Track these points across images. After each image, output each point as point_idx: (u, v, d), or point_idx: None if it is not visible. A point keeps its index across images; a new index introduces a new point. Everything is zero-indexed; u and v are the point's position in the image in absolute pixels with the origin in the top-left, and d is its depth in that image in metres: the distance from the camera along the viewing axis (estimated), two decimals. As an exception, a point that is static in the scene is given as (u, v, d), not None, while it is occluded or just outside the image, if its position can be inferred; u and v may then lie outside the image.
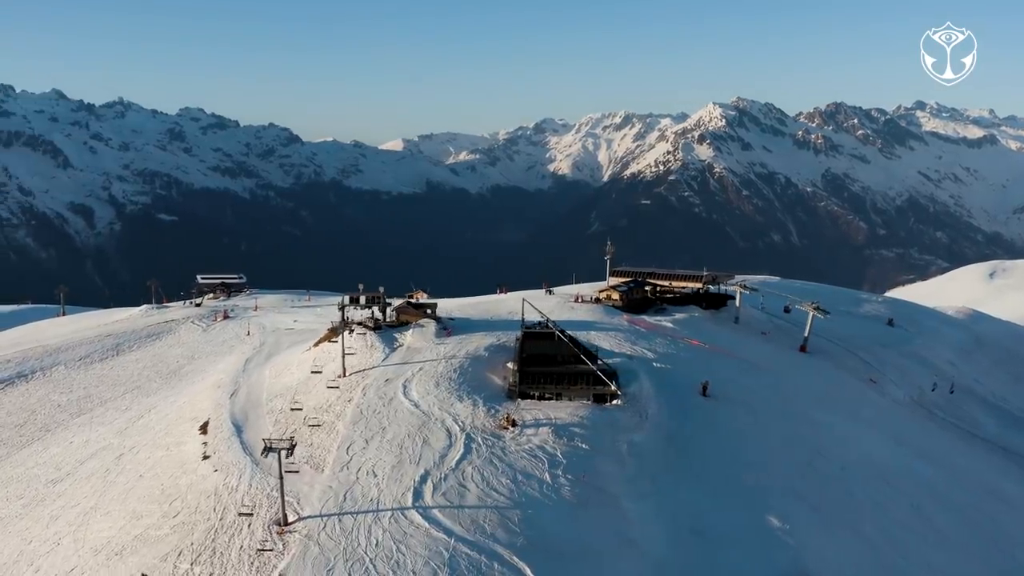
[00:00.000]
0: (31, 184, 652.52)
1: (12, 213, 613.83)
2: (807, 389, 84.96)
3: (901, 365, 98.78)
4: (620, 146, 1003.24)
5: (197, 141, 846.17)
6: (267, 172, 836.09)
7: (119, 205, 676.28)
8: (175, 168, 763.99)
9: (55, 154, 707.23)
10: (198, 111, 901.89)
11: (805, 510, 60.34)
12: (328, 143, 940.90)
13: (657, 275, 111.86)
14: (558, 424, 64.36)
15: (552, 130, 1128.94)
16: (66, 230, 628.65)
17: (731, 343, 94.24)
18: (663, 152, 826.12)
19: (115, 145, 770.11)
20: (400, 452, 59.98)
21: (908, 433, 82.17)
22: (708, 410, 72.24)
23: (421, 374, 73.69)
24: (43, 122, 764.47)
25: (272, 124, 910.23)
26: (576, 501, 55.10)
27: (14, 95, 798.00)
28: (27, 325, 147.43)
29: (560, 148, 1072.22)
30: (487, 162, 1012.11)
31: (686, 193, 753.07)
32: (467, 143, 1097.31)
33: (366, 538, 49.74)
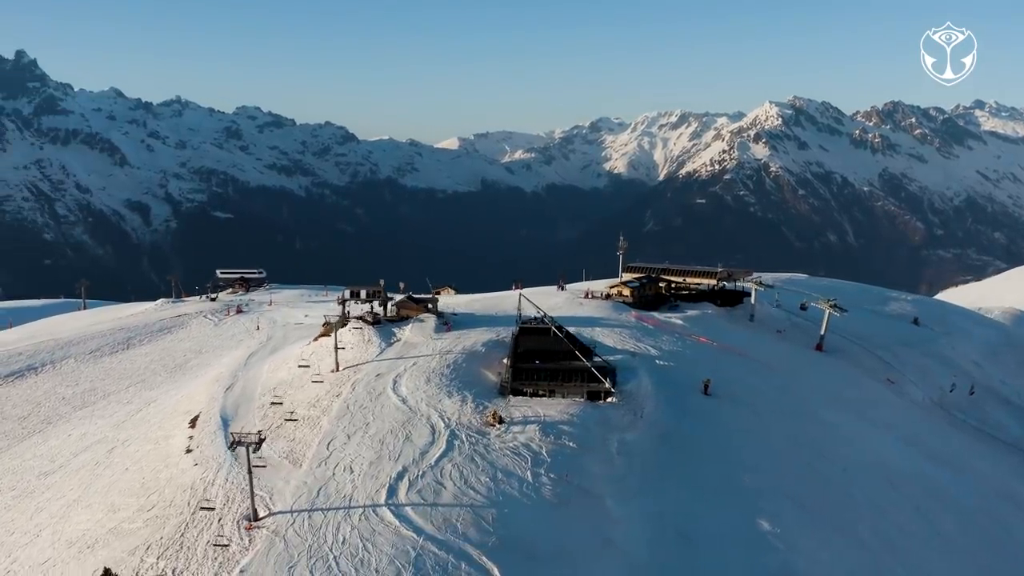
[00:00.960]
0: (88, 182, 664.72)
1: (69, 210, 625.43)
2: (818, 389, 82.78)
3: (923, 365, 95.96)
4: (676, 145, 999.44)
5: (254, 139, 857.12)
6: (323, 170, 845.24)
7: (175, 203, 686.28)
8: (231, 166, 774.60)
9: (112, 152, 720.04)
10: (255, 109, 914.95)
11: (799, 512, 58.57)
12: (384, 141, 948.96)
13: (671, 271, 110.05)
14: (546, 422, 63.22)
15: (608, 129, 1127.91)
16: (123, 227, 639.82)
17: (743, 341, 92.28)
18: (719, 151, 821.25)
19: (172, 143, 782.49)
20: (380, 448, 59.31)
21: (921, 434, 79.67)
22: (708, 409, 70.60)
23: (414, 369, 73.02)
24: (101, 120, 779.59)
25: (328, 122, 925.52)
26: (556, 501, 53.93)
27: (72, 94, 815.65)
28: (48, 319, 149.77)
29: (616, 147, 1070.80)
30: (542, 161, 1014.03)
31: (741, 192, 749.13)
32: (523, 142, 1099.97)
33: (333, 535, 49.10)
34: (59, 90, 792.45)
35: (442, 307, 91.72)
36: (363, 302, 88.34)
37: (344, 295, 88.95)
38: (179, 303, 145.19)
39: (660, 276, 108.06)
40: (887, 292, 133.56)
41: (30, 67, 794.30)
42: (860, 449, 71.48)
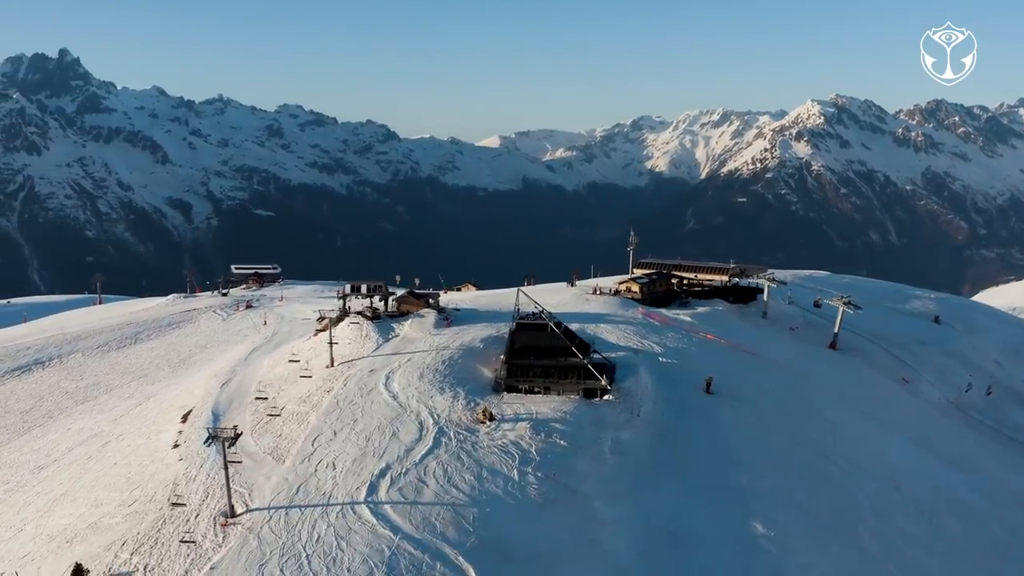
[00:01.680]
0: (130, 179, 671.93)
1: (111, 208, 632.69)
2: (826, 388, 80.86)
3: (940, 364, 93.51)
4: (718, 144, 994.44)
5: (295, 138, 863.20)
6: (364, 168, 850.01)
7: (216, 200, 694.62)
8: (273, 164, 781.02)
9: (154, 150, 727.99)
10: (296, 108, 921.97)
11: (795, 515, 57.03)
12: (425, 140, 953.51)
13: (682, 267, 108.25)
14: (538, 419, 62.14)
15: (649, 127, 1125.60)
16: (164, 225, 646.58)
17: (753, 338, 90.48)
18: (760, 149, 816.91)
19: (214, 141, 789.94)
20: (366, 445, 58.61)
21: (933, 435, 77.58)
22: (709, 408, 69.08)
23: (408, 365, 72.28)
24: (143, 118, 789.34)
25: (370, 121, 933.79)
26: (542, 500, 52.88)
27: (115, 92, 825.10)
28: (61, 314, 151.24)
29: (657, 145, 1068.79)
30: (583, 159, 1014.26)
31: (783, 191, 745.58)
32: (564, 140, 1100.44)
33: (309, 533, 48.45)
34: (102, 88, 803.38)
35: (445, 303, 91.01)
36: (364, 297, 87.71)
37: (344, 290, 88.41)
38: (191, 298, 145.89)
39: (671, 272, 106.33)
40: (910, 290, 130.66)
41: (73, 66, 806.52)
42: (866, 450, 69.58)
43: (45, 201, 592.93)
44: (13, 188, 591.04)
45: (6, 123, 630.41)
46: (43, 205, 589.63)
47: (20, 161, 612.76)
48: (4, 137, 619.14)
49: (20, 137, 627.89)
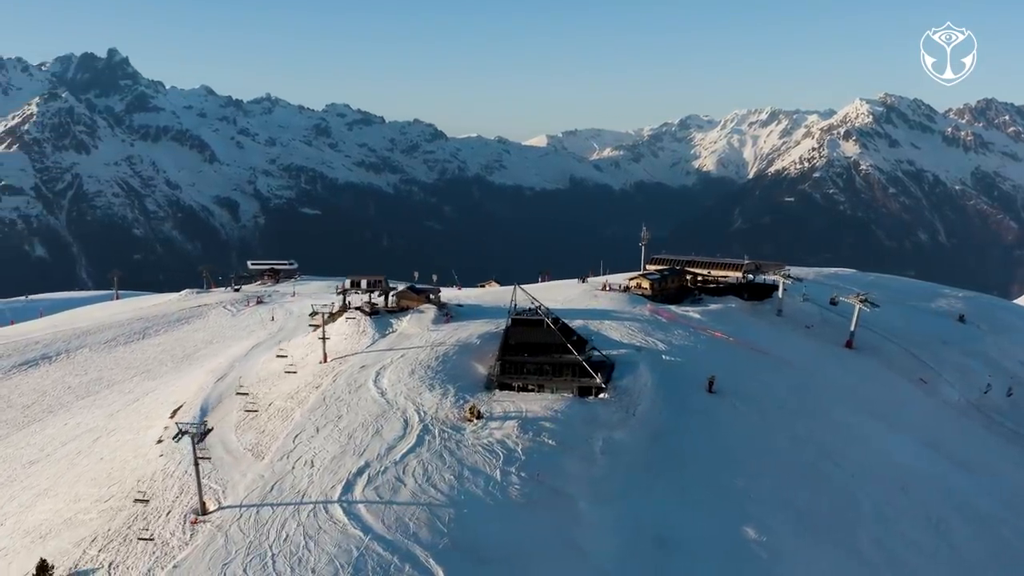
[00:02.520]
0: (178, 178, 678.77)
1: (159, 206, 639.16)
2: (837, 388, 78.56)
3: (962, 364, 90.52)
4: (766, 143, 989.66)
5: (342, 137, 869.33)
6: (411, 167, 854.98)
7: (263, 199, 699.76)
8: (320, 163, 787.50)
9: (202, 149, 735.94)
10: (344, 107, 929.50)
11: (792, 520, 55.09)
12: (472, 139, 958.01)
13: (696, 263, 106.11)
14: (528, 418, 60.78)
15: (697, 126, 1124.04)
16: (211, 223, 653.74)
17: (765, 337, 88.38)
18: (808, 149, 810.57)
19: (262, 140, 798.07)
20: (347, 442, 57.66)
21: (948, 437, 75.09)
22: (710, 407, 67.24)
23: (401, 361, 71.29)
24: (191, 118, 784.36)
25: (417, 120, 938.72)
26: (523, 501, 51.54)
27: (164, 91, 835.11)
28: (76, 309, 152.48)
29: (705, 145, 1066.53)
30: (631, 158, 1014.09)
31: (831, 191, 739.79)
32: (611, 139, 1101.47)
33: (277, 532, 47.58)
34: (150, 88, 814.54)
35: (448, 298, 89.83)
36: (363, 292, 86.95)
37: (343, 285, 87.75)
38: (203, 294, 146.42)
39: (684, 268, 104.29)
40: (937, 288, 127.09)
41: (122, 65, 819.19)
42: (874, 452, 67.33)
43: (93, 199, 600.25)
44: (62, 187, 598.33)
45: (55, 122, 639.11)
46: (91, 203, 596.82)
47: (69, 160, 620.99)
48: (53, 136, 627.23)
49: (69, 136, 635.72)
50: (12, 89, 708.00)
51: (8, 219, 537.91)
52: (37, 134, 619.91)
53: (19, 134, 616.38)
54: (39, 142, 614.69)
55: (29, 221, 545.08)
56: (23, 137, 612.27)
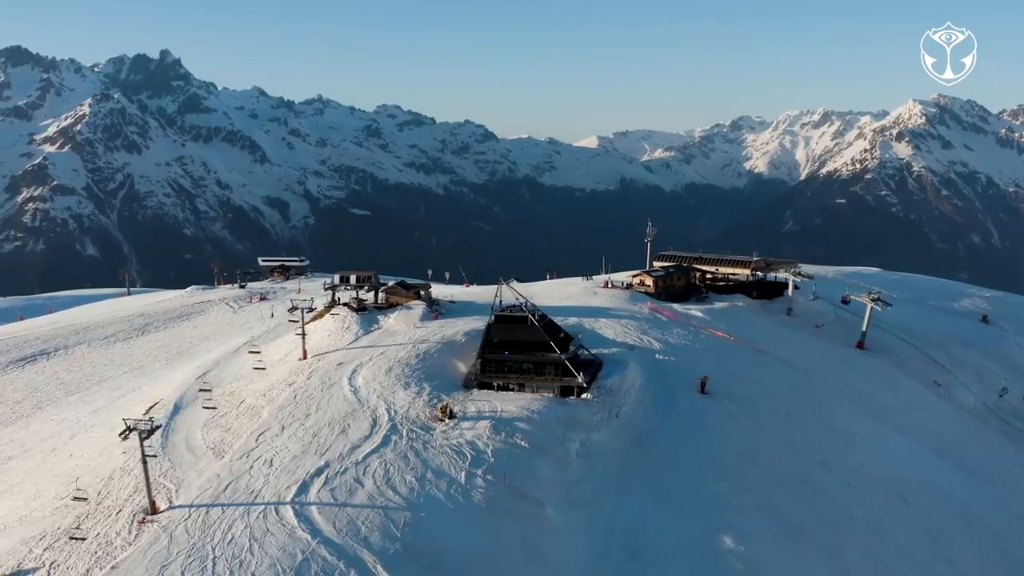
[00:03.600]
0: (228, 178, 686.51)
1: (210, 206, 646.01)
2: (842, 390, 75.83)
3: (981, 366, 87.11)
4: (818, 144, 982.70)
5: (393, 137, 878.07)
6: (462, 168, 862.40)
7: (313, 199, 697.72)
8: (371, 164, 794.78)
9: (253, 149, 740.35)
10: (395, 108, 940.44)
11: (775, 528, 52.96)
12: (523, 140, 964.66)
13: (703, 260, 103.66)
14: (502, 418, 59.16)
15: (748, 127, 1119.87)
16: (261, 223, 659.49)
17: (770, 336, 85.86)
18: (860, 150, 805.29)
19: (312, 141, 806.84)
20: (311, 441, 56.46)
21: (959, 444, 72.07)
22: (700, 409, 65.20)
23: (380, 358, 70.03)
24: (243, 118, 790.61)
25: (468, 121, 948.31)
26: (486, 506, 49.91)
27: (216, 92, 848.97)
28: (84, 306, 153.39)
29: (756, 146, 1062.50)
30: (682, 160, 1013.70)
31: (883, 192, 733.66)
32: (662, 140, 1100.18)
33: (223, 534, 46.38)
34: (202, 89, 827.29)
35: (440, 294, 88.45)
36: (353, 288, 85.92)
37: (332, 280, 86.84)
38: (209, 290, 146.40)
39: (692, 266, 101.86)
40: (964, 288, 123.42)
41: (174, 66, 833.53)
42: (875, 459, 64.88)
43: (144, 199, 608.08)
44: (113, 187, 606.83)
45: (107, 123, 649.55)
46: (142, 203, 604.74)
47: (120, 160, 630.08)
48: (105, 137, 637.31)
49: (120, 137, 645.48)
50: (65, 90, 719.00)
51: (60, 218, 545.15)
52: (89, 134, 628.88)
53: (71, 135, 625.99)
54: (91, 142, 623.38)
55: (81, 220, 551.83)
56: (75, 138, 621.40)
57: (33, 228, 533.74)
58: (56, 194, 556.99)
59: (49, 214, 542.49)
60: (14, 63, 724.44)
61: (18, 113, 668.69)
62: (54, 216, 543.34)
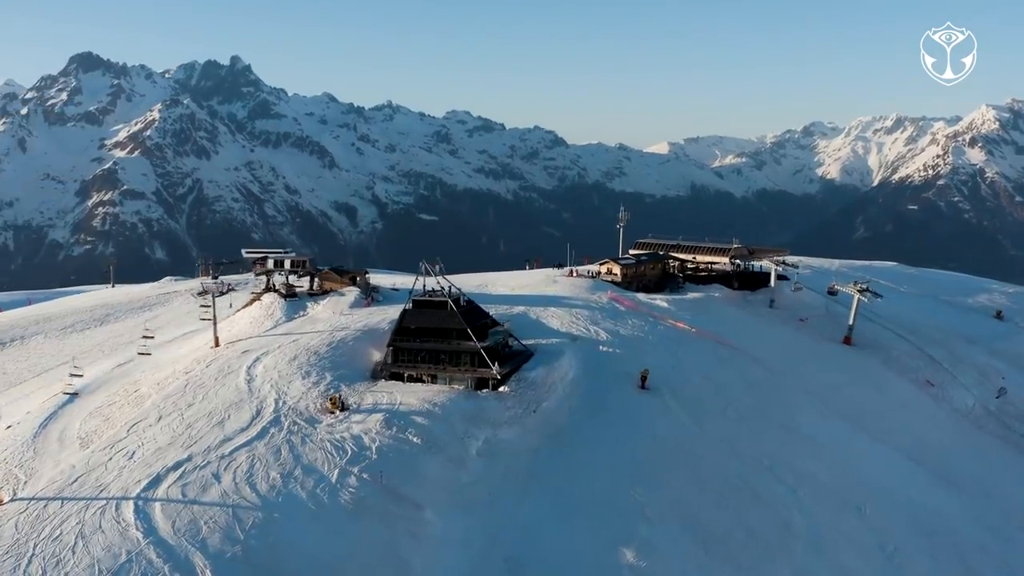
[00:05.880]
0: (297, 183, 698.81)
1: (278, 211, 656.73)
2: (813, 389, 71.14)
3: (985, 365, 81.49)
4: (891, 150, 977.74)
5: (463, 143, 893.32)
6: (531, 174, 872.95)
7: (382, 205, 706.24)
8: (439, 169, 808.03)
9: (322, 155, 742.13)
10: (464, 114, 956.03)
11: (690, 542, 48.79)
12: (593, 146, 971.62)
13: (681, 248, 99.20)
14: (398, 411, 55.79)
15: (820, 133, 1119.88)
16: (329, 228, 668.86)
17: (742, 329, 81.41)
18: (932, 156, 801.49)
19: (382, 147, 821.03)
20: (183, 432, 53.61)
21: (942, 450, 67.18)
22: (634, 406, 61.16)
23: (291, 346, 67.14)
24: (312, 124, 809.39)
25: (537, 127, 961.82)
26: (352, 507, 46.50)
27: (286, 98, 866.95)
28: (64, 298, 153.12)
29: (829, 152, 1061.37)
30: (753, 166, 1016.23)
31: (955, 198, 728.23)
32: (733, 146, 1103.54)
33: (52, 530, 43.75)
34: (272, 94, 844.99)
35: (378, 282, 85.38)
36: (288, 273, 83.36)
37: (266, 265, 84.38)
38: (181, 281, 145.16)
39: (668, 254, 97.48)
40: (984, 283, 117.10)
41: (244, 72, 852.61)
42: (836, 465, 60.34)
43: (213, 204, 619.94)
44: (182, 191, 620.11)
45: (176, 128, 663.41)
46: (211, 207, 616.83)
47: (189, 165, 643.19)
48: (174, 142, 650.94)
49: (190, 142, 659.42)
50: (135, 96, 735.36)
51: (130, 222, 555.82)
52: (159, 139, 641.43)
53: (141, 140, 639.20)
54: (160, 147, 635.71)
55: (150, 224, 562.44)
56: (145, 143, 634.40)
57: (103, 231, 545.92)
58: (126, 198, 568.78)
59: (119, 218, 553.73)
60: (85, 69, 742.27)
61: (89, 118, 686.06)
62: (123, 220, 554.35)
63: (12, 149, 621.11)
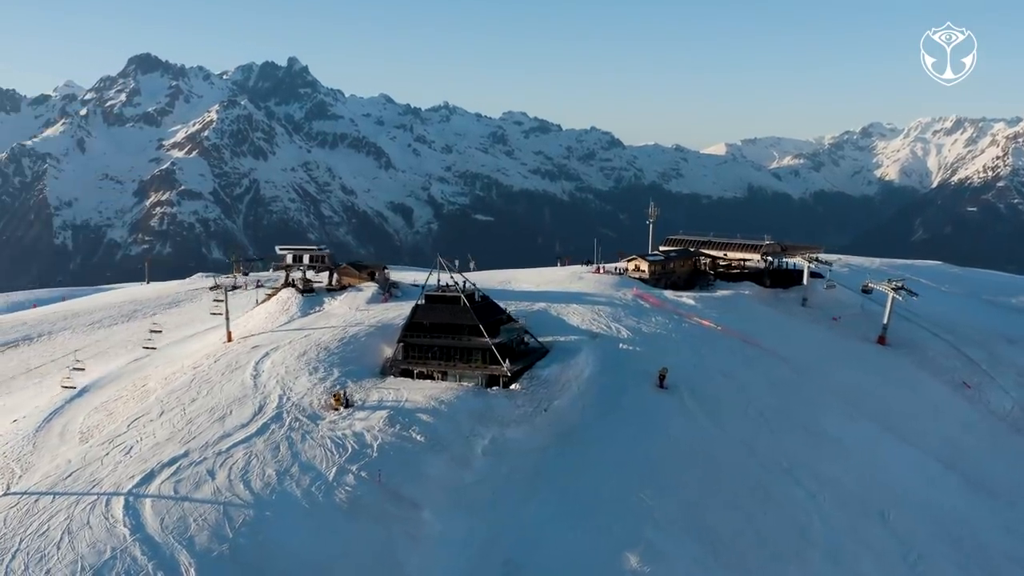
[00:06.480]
0: (353, 184, 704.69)
1: (334, 211, 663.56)
2: (841, 390, 68.52)
3: None
4: (950, 151, 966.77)
5: (519, 144, 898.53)
6: (587, 175, 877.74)
7: (437, 205, 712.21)
8: (495, 170, 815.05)
9: (378, 155, 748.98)
10: (521, 115, 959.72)
11: (698, 548, 46.82)
12: (649, 147, 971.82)
13: (711, 244, 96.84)
14: (403, 408, 54.58)
15: (879, 135, 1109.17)
16: (385, 228, 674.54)
17: (772, 328, 79.11)
18: (992, 157, 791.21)
19: (438, 147, 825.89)
20: (184, 428, 52.96)
21: (976, 455, 64.40)
22: (650, 405, 59.25)
23: (302, 341, 66.40)
24: (369, 125, 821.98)
25: (594, 128, 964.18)
26: (348, 507, 45.32)
27: (343, 99, 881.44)
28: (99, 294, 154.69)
29: (887, 153, 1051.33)
30: (811, 167, 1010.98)
31: (1015, 200, 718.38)
32: (791, 147, 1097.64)
33: (40, 525, 43.32)
34: (329, 96, 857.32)
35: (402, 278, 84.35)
36: (307, 269, 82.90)
37: (286, 260, 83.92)
38: (211, 277, 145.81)
39: (699, 251, 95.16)
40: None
41: (302, 74, 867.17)
42: (860, 469, 57.92)
43: (270, 204, 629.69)
44: (239, 191, 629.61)
45: (234, 129, 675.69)
46: (268, 208, 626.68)
47: (247, 165, 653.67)
48: (232, 143, 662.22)
49: (247, 142, 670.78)
50: (193, 97, 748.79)
51: (187, 222, 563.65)
52: (216, 140, 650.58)
53: (199, 140, 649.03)
54: (218, 148, 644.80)
55: (207, 224, 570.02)
56: (202, 143, 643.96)
57: (160, 231, 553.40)
58: (183, 198, 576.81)
59: (176, 218, 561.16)
60: (144, 70, 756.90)
61: (147, 119, 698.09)
62: (181, 220, 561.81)
63: (71, 149, 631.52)
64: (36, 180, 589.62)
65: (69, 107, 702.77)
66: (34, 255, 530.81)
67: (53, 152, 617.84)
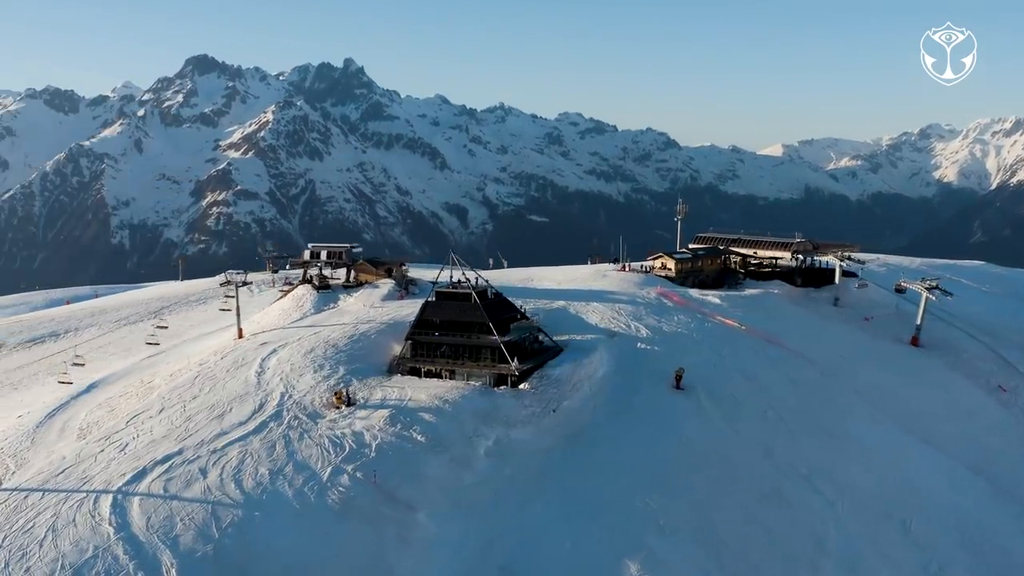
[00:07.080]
0: (408, 184, 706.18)
1: (389, 211, 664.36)
2: (868, 392, 66.05)
3: (1064, 371, 74.75)
4: (1010, 153, 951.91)
5: (574, 145, 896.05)
6: (643, 176, 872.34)
7: (492, 206, 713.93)
8: (551, 171, 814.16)
9: (433, 156, 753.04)
10: (576, 116, 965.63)
11: (703, 557, 45.09)
12: (705, 148, 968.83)
13: (741, 242, 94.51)
14: (406, 407, 53.44)
15: (938, 136, 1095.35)
16: (440, 229, 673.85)
17: (800, 328, 76.77)
18: None
19: (493, 148, 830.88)
20: (182, 425, 52.35)
21: (1007, 460, 61.59)
22: (664, 406, 57.48)
23: (311, 338, 65.64)
24: (424, 126, 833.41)
25: (649, 129, 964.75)
26: (339, 508, 44.24)
27: (399, 100, 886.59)
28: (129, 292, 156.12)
29: (946, 155, 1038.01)
30: (868, 168, 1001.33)
31: None
32: (848, 149, 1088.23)
33: (25, 522, 42.88)
34: (385, 96, 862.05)
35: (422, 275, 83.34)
36: (325, 265, 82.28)
37: (303, 256, 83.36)
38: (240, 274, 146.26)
39: (728, 248, 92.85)
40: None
41: (357, 75, 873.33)
42: (883, 474, 55.64)
43: (325, 204, 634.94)
44: (295, 192, 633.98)
45: (290, 129, 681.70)
46: (323, 208, 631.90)
47: (302, 166, 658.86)
48: (287, 143, 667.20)
49: (303, 143, 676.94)
50: (250, 97, 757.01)
51: (243, 222, 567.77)
52: (272, 141, 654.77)
53: (255, 141, 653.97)
54: (274, 148, 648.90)
55: (263, 224, 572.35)
56: (259, 144, 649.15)
57: (216, 231, 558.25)
58: (239, 198, 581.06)
59: (232, 218, 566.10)
60: (201, 72, 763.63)
61: (204, 120, 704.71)
62: (237, 220, 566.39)
63: (129, 150, 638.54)
64: (94, 180, 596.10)
65: (127, 108, 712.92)
66: (91, 255, 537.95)
67: (111, 152, 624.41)
